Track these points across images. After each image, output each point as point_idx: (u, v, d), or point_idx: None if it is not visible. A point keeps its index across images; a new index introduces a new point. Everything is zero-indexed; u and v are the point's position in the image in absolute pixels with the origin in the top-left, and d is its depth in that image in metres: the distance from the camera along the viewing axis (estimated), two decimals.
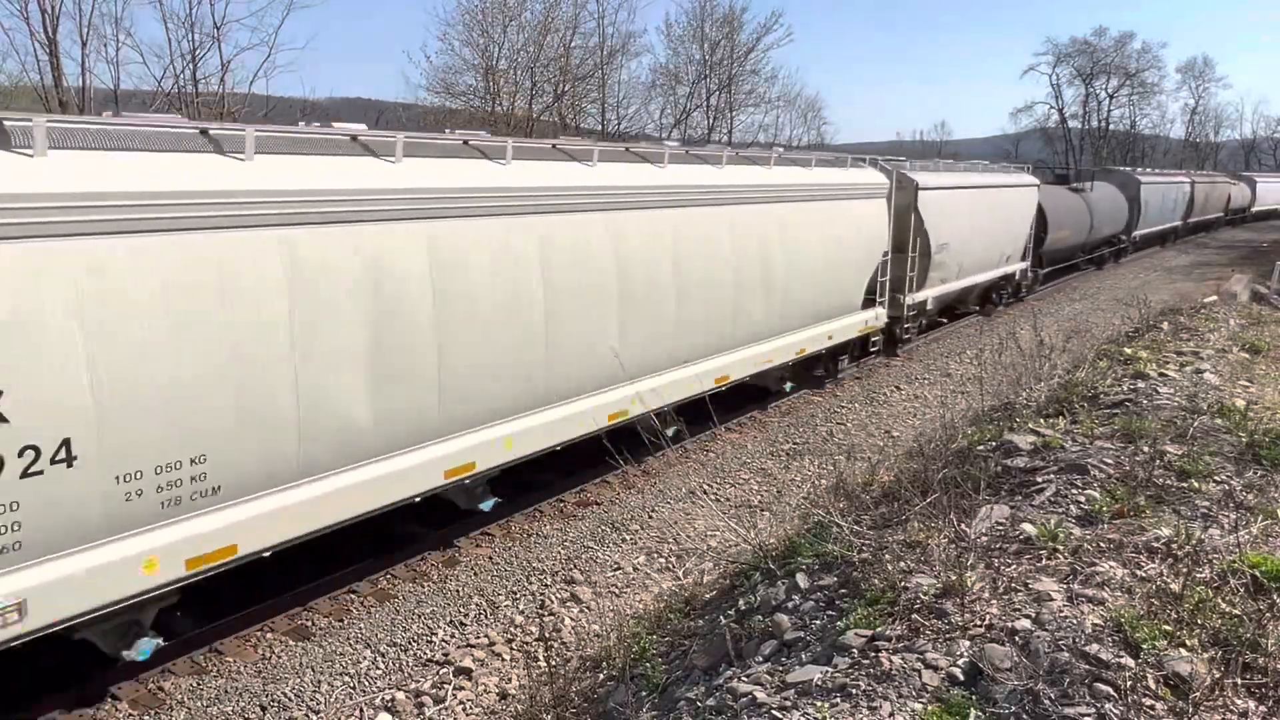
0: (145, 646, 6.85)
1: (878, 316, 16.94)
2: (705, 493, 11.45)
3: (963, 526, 5.26)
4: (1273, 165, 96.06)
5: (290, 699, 7.08)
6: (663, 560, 9.61)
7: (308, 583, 8.49)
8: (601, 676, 6.05)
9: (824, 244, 14.48)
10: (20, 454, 5.62)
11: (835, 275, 14.98)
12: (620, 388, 10.51)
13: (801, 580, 5.34)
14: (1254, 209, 66.99)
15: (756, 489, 11.69)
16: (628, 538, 10.10)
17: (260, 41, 38.23)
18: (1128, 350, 11.21)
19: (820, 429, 14.21)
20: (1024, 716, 3.51)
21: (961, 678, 3.81)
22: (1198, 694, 3.52)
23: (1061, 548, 4.95)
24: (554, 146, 10.55)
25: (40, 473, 5.71)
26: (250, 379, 6.79)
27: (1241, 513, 5.35)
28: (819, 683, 4.00)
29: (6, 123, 5.96)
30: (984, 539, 5.16)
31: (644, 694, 5.09)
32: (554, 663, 6.44)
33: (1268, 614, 4.00)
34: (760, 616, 5.13)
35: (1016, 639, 4.01)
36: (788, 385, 15.42)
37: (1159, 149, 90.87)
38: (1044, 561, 4.82)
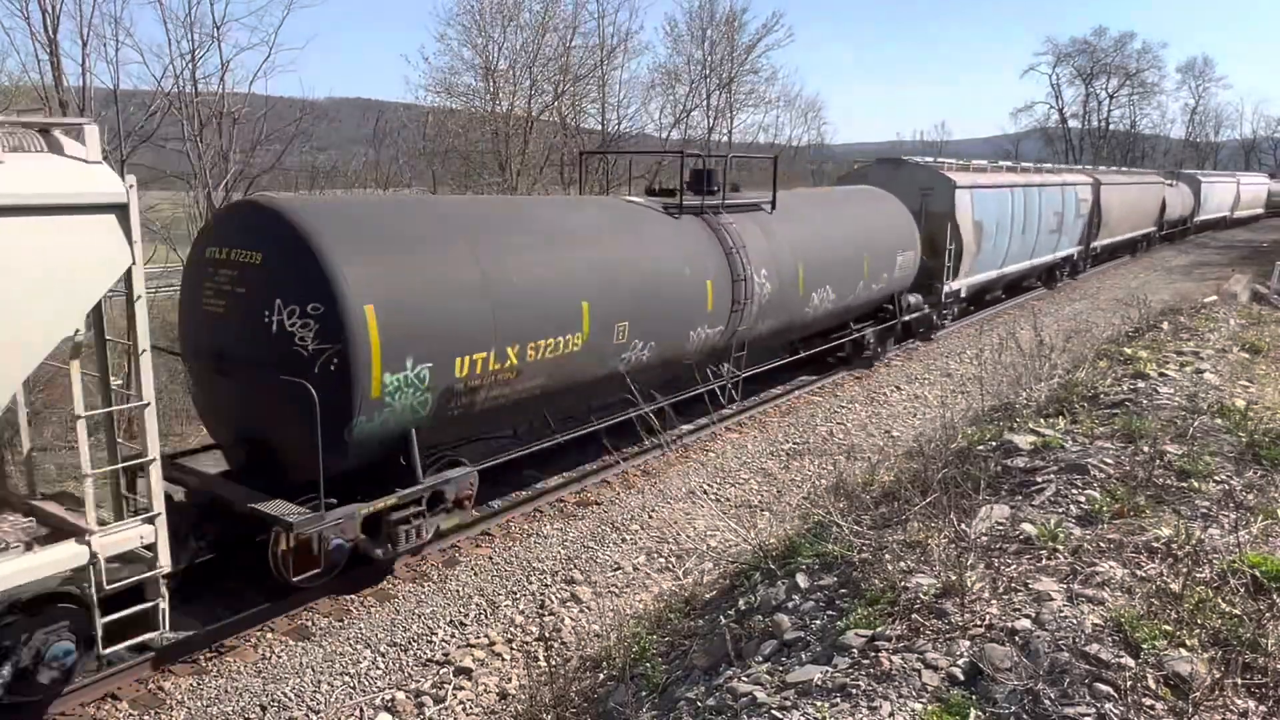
0: None
1: None
2: (705, 493, 11.45)
3: (963, 526, 5.26)
4: (1273, 165, 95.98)
5: (290, 699, 7.08)
6: (663, 560, 9.61)
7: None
8: (601, 676, 6.05)
9: None
10: None
11: None
12: None
13: (801, 580, 5.34)
14: (1199, 218, 50.31)
15: (756, 489, 11.69)
16: (628, 538, 10.10)
17: (260, 41, 38.27)
18: (1128, 350, 11.21)
19: (820, 429, 14.21)
20: (1024, 716, 3.51)
21: (961, 678, 3.81)
22: (1198, 694, 3.52)
23: (1061, 548, 4.95)
24: None
25: None
26: None
27: (1241, 513, 5.36)
28: (819, 683, 4.00)
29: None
30: (984, 539, 5.16)
31: (644, 694, 5.10)
32: (554, 663, 6.44)
33: (1268, 614, 4.00)
34: (760, 616, 5.13)
35: (1016, 639, 4.01)
36: None
37: (1159, 149, 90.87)
38: (1044, 561, 4.82)
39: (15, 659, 6.21)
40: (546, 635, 7.82)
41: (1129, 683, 3.58)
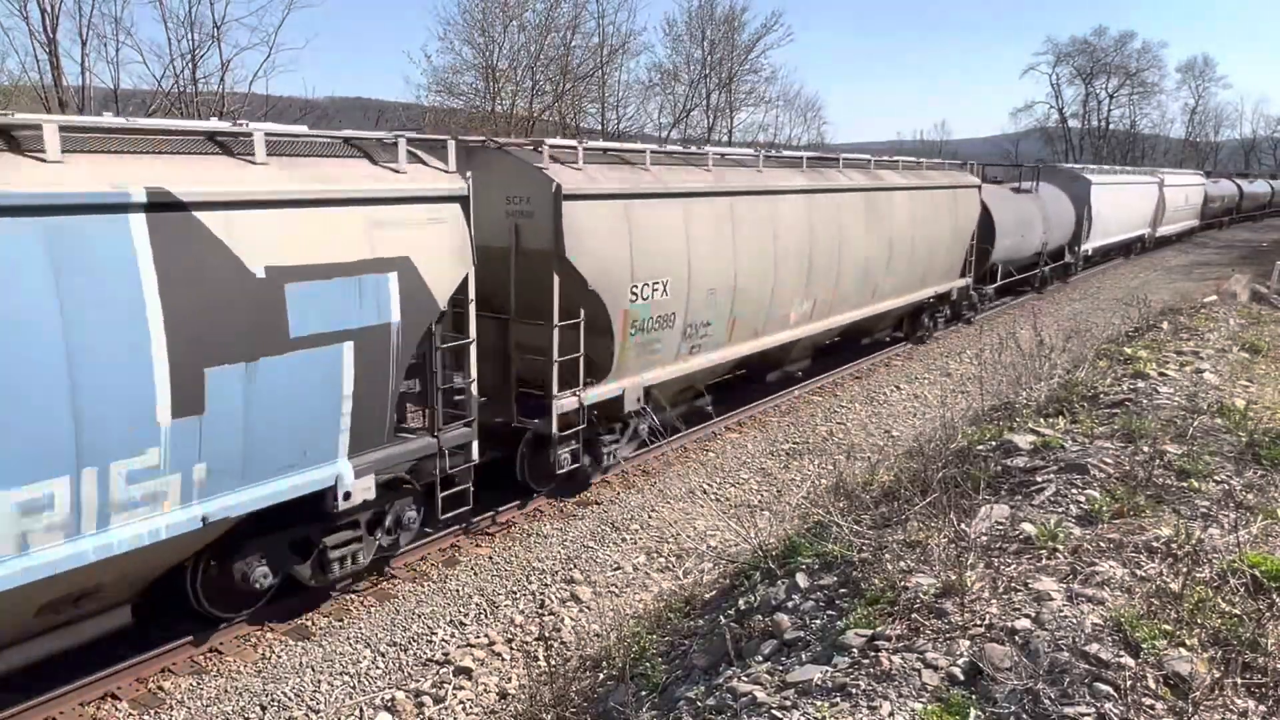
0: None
1: None
2: (705, 493, 11.45)
3: (963, 526, 5.26)
4: (1273, 165, 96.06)
5: (290, 699, 7.08)
6: (663, 560, 9.61)
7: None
8: (601, 676, 6.05)
9: None
10: None
11: None
12: None
13: (801, 580, 5.34)
14: (1087, 245, 29.65)
15: (756, 489, 11.69)
16: (628, 538, 10.10)
17: (260, 41, 38.22)
18: (1128, 350, 11.22)
19: (820, 429, 14.20)
20: (1024, 716, 3.51)
21: (961, 677, 3.81)
22: (1198, 694, 3.52)
23: (1061, 547, 4.95)
24: None
25: None
26: None
27: (1241, 513, 5.36)
28: (819, 682, 4.00)
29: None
30: (984, 539, 5.16)
31: (644, 693, 5.09)
32: (554, 662, 6.45)
33: (1268, 614, 4.00)
34: (760, 616, 5.13)
35: (1016, 638, 4.01)
36: None
37: (1159, 149, 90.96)
38: (1044, 561, 4.82)
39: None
40: (546, 635, 7.82)
41: (1129, 682, 3.58)
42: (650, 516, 10.66)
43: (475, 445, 9.10)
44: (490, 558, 9.50)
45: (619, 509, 10.82)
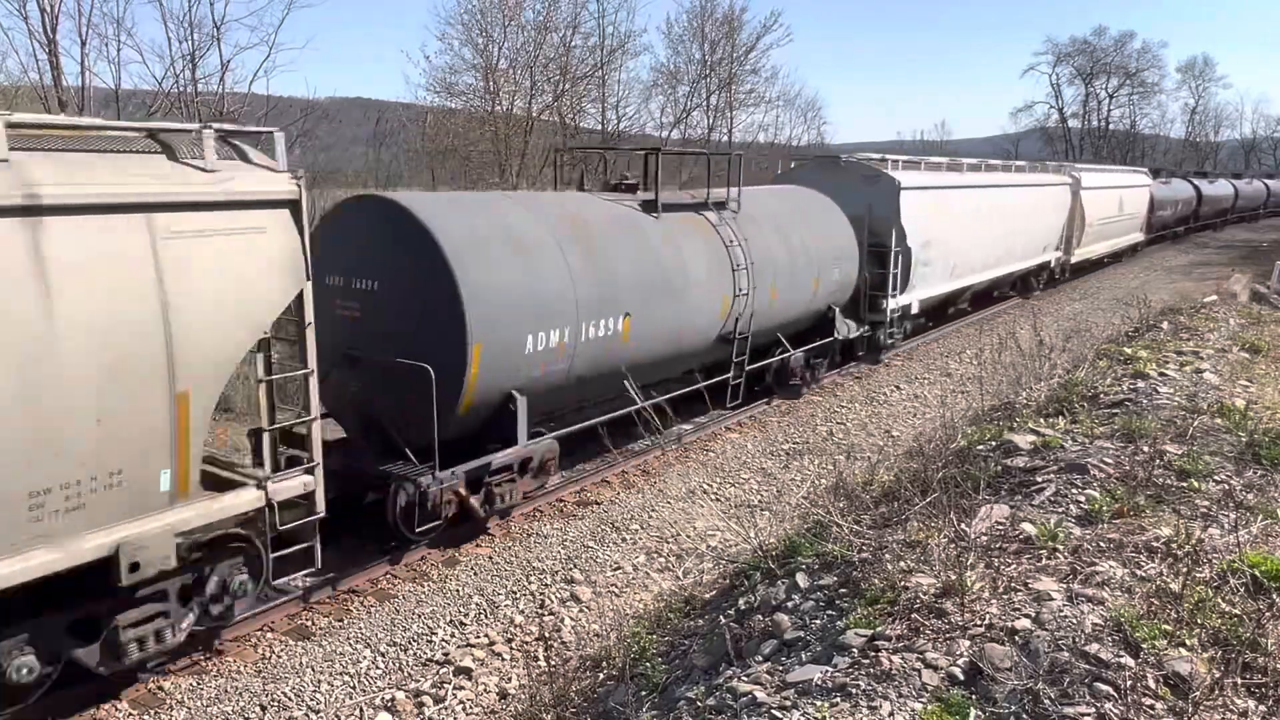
0: None
1: None
2: (705, 493, 11.45)
3: (963, 526, 5.26)
4: (1273, 165, 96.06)
5: (290, 699, 7.08)
6: (663, 560, 9.61)
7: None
8: (601, 676, 6.05)
9: None
10: None
11: None
12: None
13: (801, 580, 5.34)
14: (911, 298, 17.64)
15: (756, 489, 11.69)
16: (628, 538, 10.10)
17: (260, 41, 38.26)
18: (1128, 350, 11.22)
19: (820, 429, 14.20)
20: (1024, 716, 3.51)
21: (961, 677, 3.82)
22: (1198, 694, 3.52)
23: (1061, 547, 4.95)
24: None
25: None
26: None
27: (1241, 512, 5.36)
28: (819, 682, 4.00)
29: None
30: (984, 539, 5.16)
31: (644, 693, 5.10)
32: (554, 662, 6.45)
33: (1268, 614, 4.00)
34: (760, 616, 5.13)
35: (1016, 639, 4.01)
36: None
37: (1159, 149, 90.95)
38: (1044, 561, 4.82)
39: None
40: (546, 635, 7.82)
41: (1129, 682, 3.58)
42: (650, 516, 10.66)
43: None
44: (490, 558, 9.50)
45: (619, 509, 10.83)
